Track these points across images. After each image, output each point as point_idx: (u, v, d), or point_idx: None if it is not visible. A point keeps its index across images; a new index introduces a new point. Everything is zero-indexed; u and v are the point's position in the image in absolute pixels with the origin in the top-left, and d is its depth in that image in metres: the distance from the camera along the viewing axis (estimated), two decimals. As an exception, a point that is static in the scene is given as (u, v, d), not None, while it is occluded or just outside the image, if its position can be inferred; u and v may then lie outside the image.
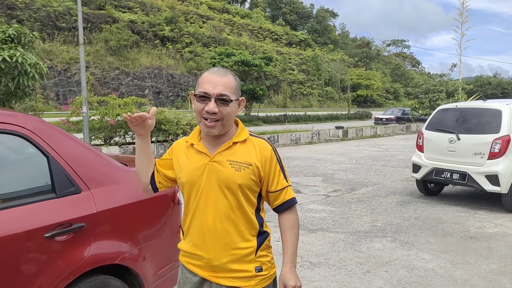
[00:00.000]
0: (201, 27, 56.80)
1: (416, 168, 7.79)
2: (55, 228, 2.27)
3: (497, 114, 6.84)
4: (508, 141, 6.56)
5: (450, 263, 4.65)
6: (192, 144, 1.87)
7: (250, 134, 1.88)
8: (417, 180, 8.01)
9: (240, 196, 1.79)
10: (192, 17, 58.42)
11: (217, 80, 1.74)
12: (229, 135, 1.84)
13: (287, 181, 1.88)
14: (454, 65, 30.99)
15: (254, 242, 1.83)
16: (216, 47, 50.58)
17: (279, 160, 1.87)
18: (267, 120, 34.02)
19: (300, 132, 19.38)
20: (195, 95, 1.78)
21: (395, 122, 30.34)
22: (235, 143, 1.83)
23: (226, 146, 1.82)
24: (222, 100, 1.73)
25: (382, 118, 32.81)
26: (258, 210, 1.88)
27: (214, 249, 1.80)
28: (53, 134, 2.49)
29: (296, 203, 1.91)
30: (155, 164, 2.00)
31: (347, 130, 21.67)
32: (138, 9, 51.88)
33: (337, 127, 21.77)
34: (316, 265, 4.58)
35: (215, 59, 33.76)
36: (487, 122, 6.95)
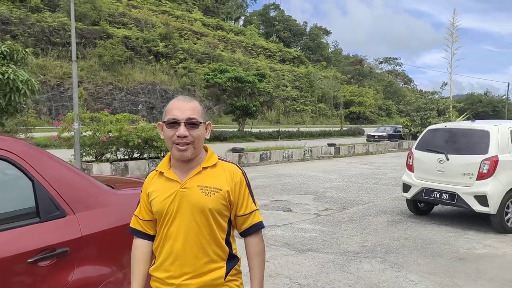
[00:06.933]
0: (195, 44, 57.22)
1: (406, 187, 7.83)
2: (39, 253, 2.25)
3: (485, 135, 6.92)
4: (496, 162, 6.62)
5: (438, 285, 4.64)
6: (162, 173, 1.91)
7: (220, 159, 1.94)
8: (407, 200, 8.04)
9: (211, 221, 1.83)
10: (187, 33, 58.86)
11: (185, 106, 1.82)
12: (198, 160, 1.89)
13: (255, 205, 1.94)
14: (445, 84, 31.34)
15: (223, 267, 1.87)
16: (210, 63, 50.90)
17: (248, 184, 1.93)
18: (260, 136, 34.10)
19: (292, 149, 19.42)
20: (164, 122, 1.84)
21: (387, 139, 30.50)
22: (204, 168, 1.87)
23: (196, 171, 1.86)
24: (191, 123, 1.80)
25: (374, 135, 32.99)
26: (228, 235, 1.91)
27: (183, 274, 1.82)
28: (39, 158, 2.49)
29: (263, 227, 1.96)
30: (138, 220, 2.00)
31: (339, 147, 21.75)
32: (132, 25, 52.20)
33: (330, 144, 21.83)
34: (305, 287, 4.55)
35: (209, 75, 33.92)
36: (475, 143, 7.02)
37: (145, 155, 13.58)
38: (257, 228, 1.93)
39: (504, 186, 6.66)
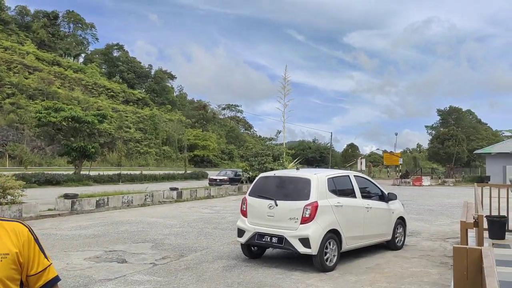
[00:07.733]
0: (26, 78, 52.42)
1: (240, 232, 8.16)
2: None
3: (307, 182, 7.70)
4: (316, 207, 7.38)
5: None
6: None
7: (0, 219, 1.77)
8: (241, 244, 8.36)
9: None
10: (16, 66, 53.70)
11: None
12: None
13: (48, 260, 1.82)
14: (279, 132, 34.35)
15: None
16: (44, 100, 47.01)
17: (37, 240, 1.80)
18: (99, 180, 32.17)
19: (133, 194, 18.72)
20: None
21: (228, 183, 31.60)
22: None
23: None
24: None
25: (216, 179, 33.87)
26: None
27: None
28: None
29: (60, 280, 1.87)
30: None
31: (181, 192, 21.73)
32: None
33: (172, 189, 21.68)
34: None
35: (41, 113, 31.22)
36: (299, 190, 7.75)
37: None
38: (53, 283, 1.81)
39: (323, 229, 7.42)
